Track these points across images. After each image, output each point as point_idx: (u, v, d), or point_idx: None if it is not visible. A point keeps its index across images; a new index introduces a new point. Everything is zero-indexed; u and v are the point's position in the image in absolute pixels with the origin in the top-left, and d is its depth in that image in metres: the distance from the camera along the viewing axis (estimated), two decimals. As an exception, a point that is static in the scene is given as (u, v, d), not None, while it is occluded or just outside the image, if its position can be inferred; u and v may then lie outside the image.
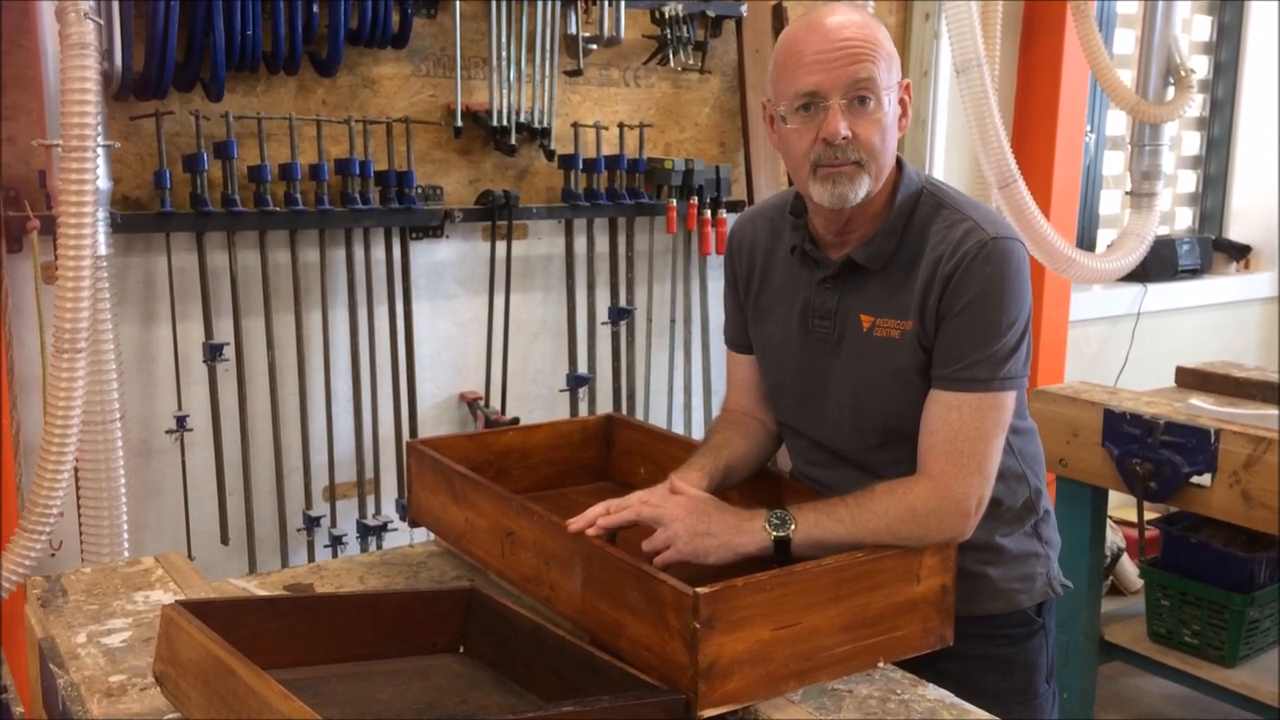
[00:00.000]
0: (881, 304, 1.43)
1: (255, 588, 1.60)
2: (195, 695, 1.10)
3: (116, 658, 1.35)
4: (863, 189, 1.38)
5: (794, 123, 1.38)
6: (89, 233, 2.00)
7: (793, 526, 1.33)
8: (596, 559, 1.34)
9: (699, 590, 1.18)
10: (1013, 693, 1.50)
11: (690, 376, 3.27)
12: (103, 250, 2.13)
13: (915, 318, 1.40)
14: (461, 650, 1.38)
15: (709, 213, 3.09)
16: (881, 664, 1.33)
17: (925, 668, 1.32)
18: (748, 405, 1.65)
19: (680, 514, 1.36)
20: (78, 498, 2.18)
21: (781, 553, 1.33)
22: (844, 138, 1.35)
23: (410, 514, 1.81)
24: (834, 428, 1.51)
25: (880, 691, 1.28)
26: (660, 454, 1.85)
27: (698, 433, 3.26)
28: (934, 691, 1.28)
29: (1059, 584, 1.56)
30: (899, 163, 1.45)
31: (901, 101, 1.41)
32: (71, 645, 1.38)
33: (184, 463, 2.50)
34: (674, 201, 3.04)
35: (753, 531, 1.34)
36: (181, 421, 2.48)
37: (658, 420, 3.21)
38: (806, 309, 1.50)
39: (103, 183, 2.13)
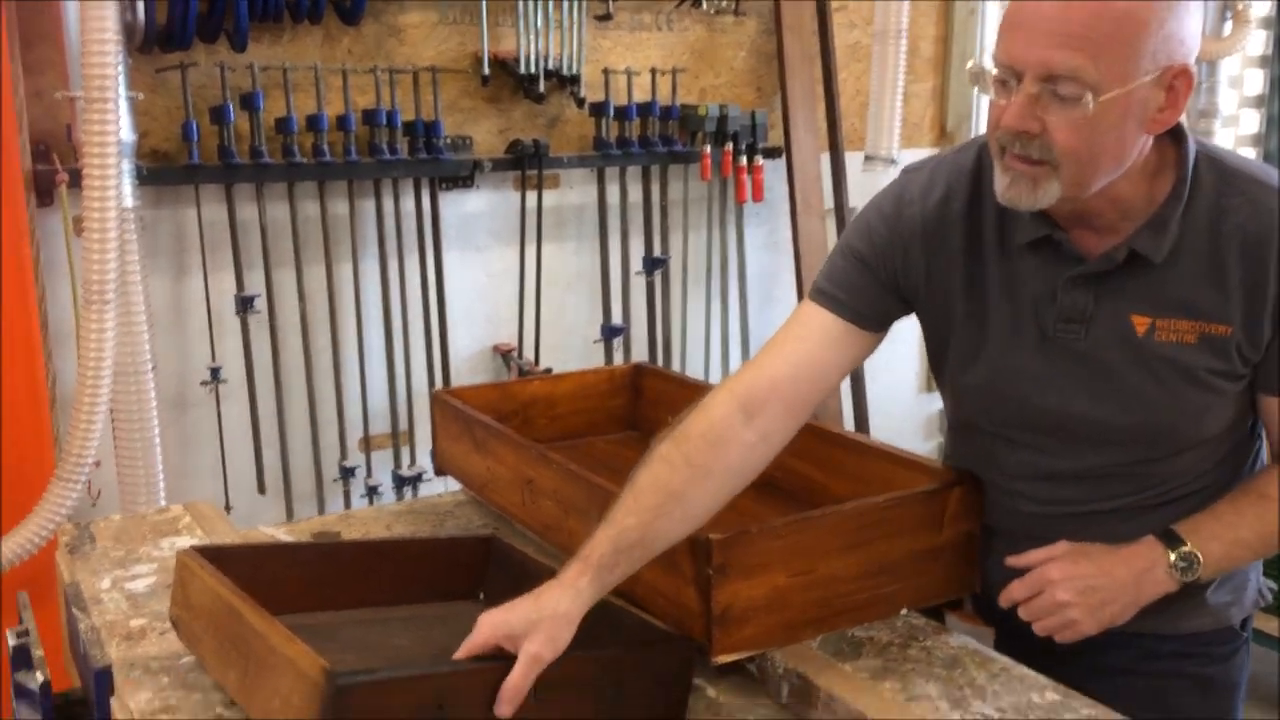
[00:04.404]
0: (1165, 303, 1.15)
1: (283, 535, 1.60)
2: (206, 639, 1.10)
3: (139, 602, 1.36)
4: (1047, 196, 1.10)
5: (993, 89, 1.10)
6: (113, 183, 2.00)
7: (1199, 568, 1.16)
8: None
9: (712, 536, 1.15)
10: (1209, 714, 1.30)
11: (728, 326, 3.23)
12: (129, 202, 2.14)
13: (1239, 321, 1.13)
14: (481, 597, 1.37)
15: (744, 160, 3.03)
16: (905, 611, 1.30)
17: (1106, 686, 1.19)
18: (779, 389, 1.23)
19: (1067, 594, 1.16)
20: (115, 448, 2.21)
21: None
22: (1021, 132, 1.07)
23: (435, 463, 1.80)
24: (1080, 441, 1.22)
25: (901, 638, 1.25)
26: (689, 403, 1.82)
27: (734, 384, 3.22)
28: (958, 638, 1.25)
29: (1267, 591, 1.36)
30: (1178, 131, 1.15)
31: (1170, 88, 1.07)
32: (96, 590, 1.39)
33: (219, 414, 2.53)
34: (708, 149, 2.97)
35: (1157, 582, 1.17)
36: (215, 373, 2.49)
37: (694, 372, 3.17)
38: (1041, 309, 1.20)
39: (126, 134, 2.13)
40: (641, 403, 1.91)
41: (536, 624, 1.03)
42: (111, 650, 1.22)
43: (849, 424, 3.30)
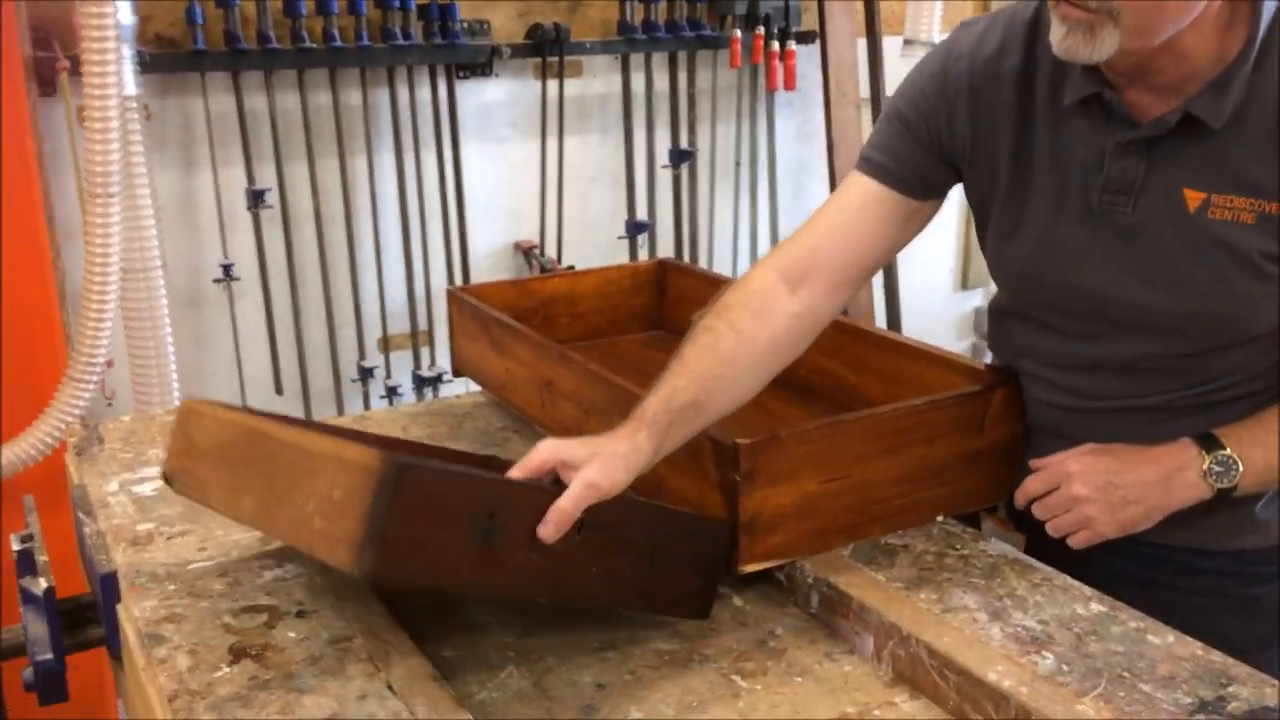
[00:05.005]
0: (1221, 176, 1.04)
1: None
2: (217, 477, 1.04)
3: (146, 506, 1.32)
4: (1105, 47, 0.99)
5: None
6: (113, 70, 1.91)
7: (1237, 474, 1.07)
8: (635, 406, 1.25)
9: (739, 441, 1.08)
10: (1251, 639, 1.16)
11: (756, 222, 3.13)
12: (131, 90, 2.05)
13: None
14: None
15: (776, 45, 2.89)
16: (941, 518, 1.24)
17: (1140, 602, 1.09)
18: (821, 259, 1.17)
19: (1085, 488, 1.08)
20: (128, 348, 2.17)
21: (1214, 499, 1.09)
22: None
23: (453, 364, 1.75)
24: (1121, 328, 1.13)
25: (938, 546, 1.18)
26: (716, 299, 1.75)
27: (763, 282, 3.13)
28: (996, 546, 1.19)
29: None
30: None
31: None
32: (103, 494, 1.35)
33: (233, 313, 2.48)
34: (738, 33, 2.85)
35: (1187, 486, 1.07)
36: (228, 270, 2.44)
37: (722, 269, 3.08)
38: (1088, 178, 1.10)
39: (126, 17, 2.03)
40: (666, 300, 1.85)
41: (595, 456, 0.98)
42: (117, 556, 1.18)
43: (880, 322, 3.21)
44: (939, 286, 3.55)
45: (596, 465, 0.97)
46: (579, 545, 0.96)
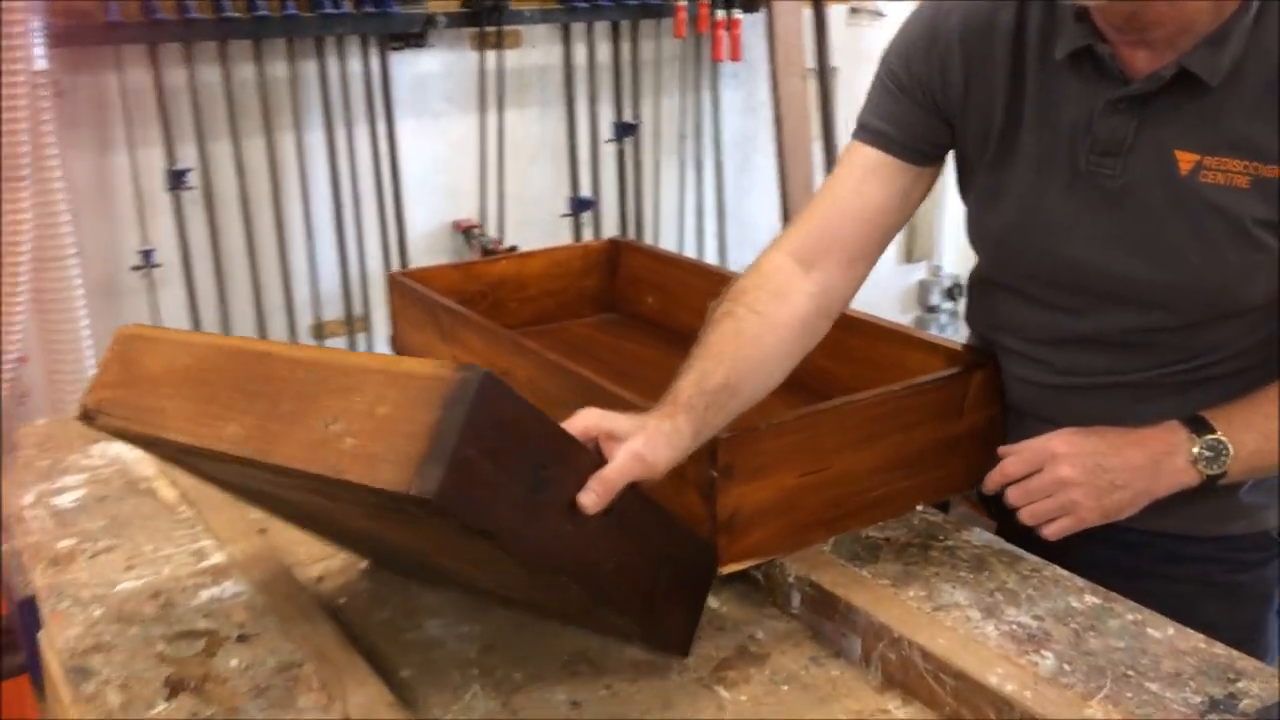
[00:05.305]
0: (1215, 137, 0.98)
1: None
2: (178, 405, 0.90)
3: (67, 520, 1.21)
4: None
5: None
6: (20, 43, 1.77)
7: (1228, 460, 1.00)
8: (598, 400, 1.17)
9: (717, 435, 1.01)
10: (1237, 627, 1.10)
11: (702, 197, 3.07)
12: (40, 64, 1.91)
13: None
14: None
15: (722, 13, 2.83)
16: (920, 508, 1.18)
17: (1121, 591, 1.05)
18: (830, 236, 1.12)
19: (1072, 470, 1.01)
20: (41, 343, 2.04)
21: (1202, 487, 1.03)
22: None
23: (394, 352, 1.66)
24: (1105, 299, 1.08)
25: (920, 538, 1.13)
26: (671, 281, 1.69)
27: (710, 258, 3.08)
28: (980, 536, 1.14)
29: None
30: None
31: None
32: (18, 507, 1.24)
33: (155, 302, 2.35)
34: (683, 1, 2.77)
35: (1175, 472, 1.01)
36: (148, 256, 2.31)
37: (668, 245, 3.02)
38: (1075, 138, 1.04)
39: (30, -14, 1.88)
40: (618, 281, 1.79)
41: (641, 429, 0.90)
42: (37, 577, 1.08)
43: (829, 298, 3.17)
44: (882, 260, 3.51)
45: (642, 438, 0.89)
46: (604, 530, 0.87)
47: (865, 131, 1.14)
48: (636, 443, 0.89)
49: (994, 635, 0.96)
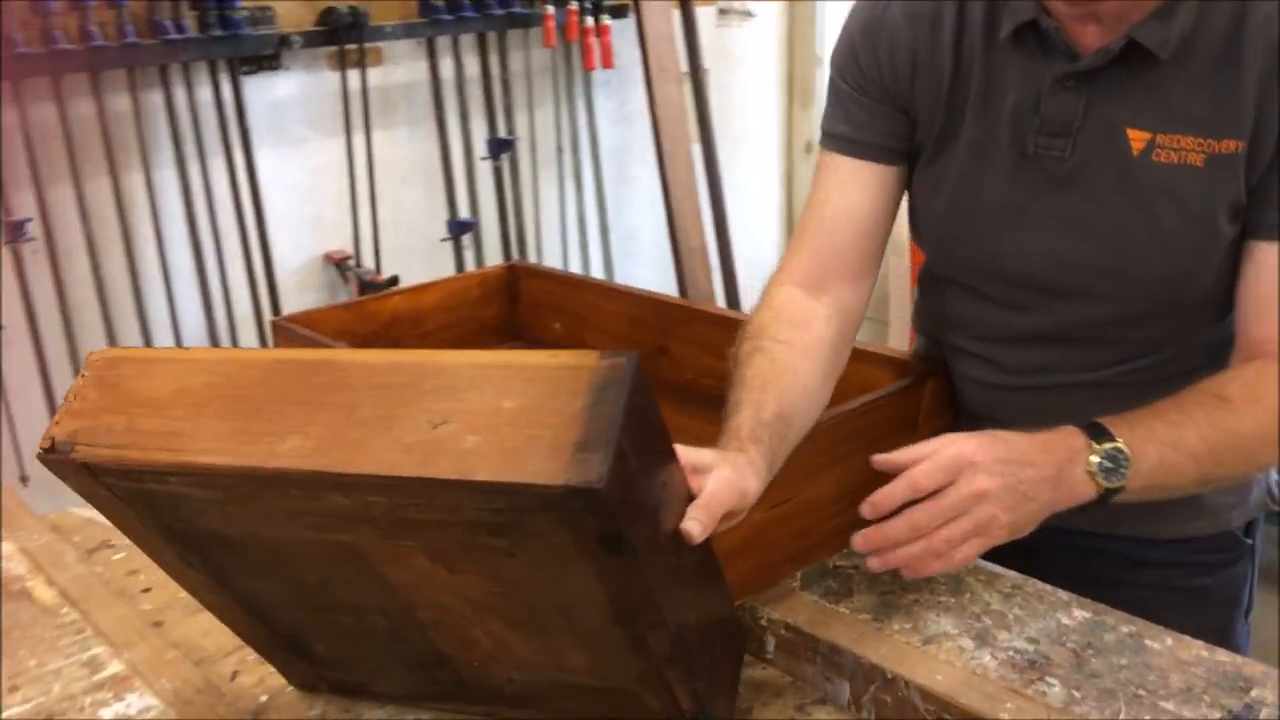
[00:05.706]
0: (1167, 114, 0.95)
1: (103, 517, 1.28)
2: (206, 425, 0.77)
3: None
4: None
5: None
6: None
7: (1126, 473, 0.89)
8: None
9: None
10: (1202, 634, 1.01)
11: (584, 210, 2.99)
12: None
13: (1248, 135, 0.93)
14: None
15: (591, 20, 2.76)
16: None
17: (1088, 597, 0.99)
18: (827, 258, 1.08)
19: (991, 481, 0.87)
20: None
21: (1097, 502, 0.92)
22: None
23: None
24: (1051, 293, 1.04)
25: (889, 564, 1.07)
26: (576, 304, 1.61)
27: (596, 273, 3.00)
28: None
29: (1277, 489, 1.14)
30: None
31: None
32: None
33: (-1, 368, 2.13)
34: (551, 9, 2.70)
35: (1074, 484, 0.89)
36: (-13, 318, 2.09)
37: (552, 263, 2.93)
38: (1022, 120, 1.00)
39: None
40: (520, 308, 1.70)
41: (725, 460, 0.83)
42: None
43: (720, 301, 3.13)
44: (771, 258, 3.51)
45: (730, 468, 0.82)
46: (694, 570, 0.79)
47: (832, 140, 1.10)
48: (726, 471, 0.81)
49: (993, 665, 0.90)
